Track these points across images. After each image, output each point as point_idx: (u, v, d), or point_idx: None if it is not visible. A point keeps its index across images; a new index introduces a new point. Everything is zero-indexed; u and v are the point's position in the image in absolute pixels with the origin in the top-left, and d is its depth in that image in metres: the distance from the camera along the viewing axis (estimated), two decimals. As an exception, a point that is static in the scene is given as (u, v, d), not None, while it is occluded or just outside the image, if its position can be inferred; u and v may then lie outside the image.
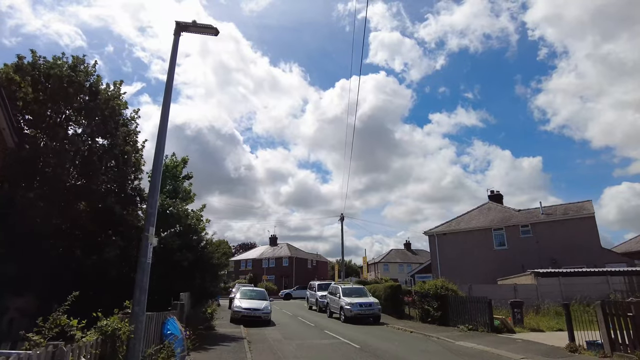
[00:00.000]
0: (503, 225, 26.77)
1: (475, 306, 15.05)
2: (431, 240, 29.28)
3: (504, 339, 12.57)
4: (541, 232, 25.24)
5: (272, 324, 17.65)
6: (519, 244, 25.83)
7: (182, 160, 15.35)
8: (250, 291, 20.26)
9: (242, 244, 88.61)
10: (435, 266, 28.30)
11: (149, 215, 4.68)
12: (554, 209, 26.48)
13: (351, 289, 20.90)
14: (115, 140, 13.17)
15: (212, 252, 13.65)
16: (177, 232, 13.96)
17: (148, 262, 4.50)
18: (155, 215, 4.76)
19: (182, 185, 14.81)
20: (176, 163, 15.16)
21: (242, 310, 17.22)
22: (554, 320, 15.52)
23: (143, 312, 4.47)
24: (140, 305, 4.48)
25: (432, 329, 15.76)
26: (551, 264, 23.55)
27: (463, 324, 15.26)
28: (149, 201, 4.73)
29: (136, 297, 4.47)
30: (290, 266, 57.50)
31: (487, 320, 14.13)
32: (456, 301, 16.38)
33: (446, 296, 16.82)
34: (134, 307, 4.42)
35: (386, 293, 21.83)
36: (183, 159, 15.40)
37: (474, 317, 15.03)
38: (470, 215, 30.10)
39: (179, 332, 7.65)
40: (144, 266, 4.46)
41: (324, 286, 26.50)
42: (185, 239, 13.62)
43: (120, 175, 13.58)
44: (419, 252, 66.19)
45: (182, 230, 13.76)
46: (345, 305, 18.86)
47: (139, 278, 4.46)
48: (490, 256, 26.55)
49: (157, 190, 4.78)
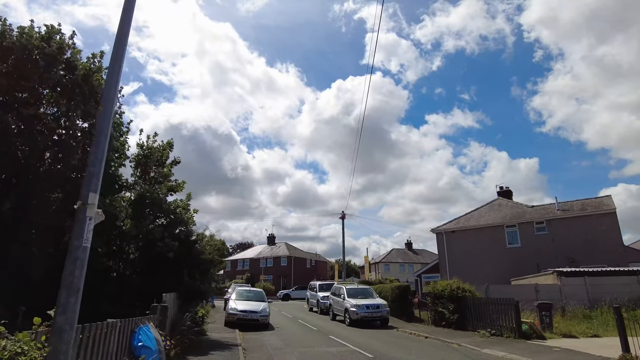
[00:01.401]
0: (516, 222, 25.20)
1: (498, 309, 13.46)
2: (439, 238, 27.67)
3: (537, 347, 10.97)
4: (557, 229, 23.68)
5: (271, 327, 16.00)
6: (533, 242, 24.27)
7: (167, 144, 13.69)
8: (247, 292, 18.58)
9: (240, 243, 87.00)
10: (444, 266, 26.70)
11: (90, 175, 3.05)
12: (571, 204, 24.92)
13: (356, 289, 19.27)
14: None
15: (203, 247, 12.01)
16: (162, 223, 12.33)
17: (85, 245, 2.87)
18: (100, 177, 3.13)
19: (168, 172, 13.15)
20: (161, 147, 13.51)
21: (238, 313, 15.55)
22: (584, 325, 13.97)
23: (72, 326, 2.79)
24: (68, 315, 2.74)
25: (449, 334, 14.16)
26: (569, 263, 22.00)
27: (484, 329, 13.67)
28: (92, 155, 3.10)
29: (61, 302, 2.71)
30: (288, 266, 55.77)
31: (514, 324, 12.53)
32: (475, 303, 14.78)
33: (464, 298, 15.22)
34: (56, 318, 2.74)
35: (393, 294, 20.24)
36: (168, 142, 13.74)
37: (496, 321, 13.45)
38: (480, 212, 28.52)
39: (154, 344, 6.01)
40: (78, 253, 2.82)
41: (326, 286, 24.90)
42: (171, 230, 11.99)
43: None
44: (421, 252, 64.66)
45: (168, 221, 12.13)
46: (350, 307, 17.24)
47: (67, 272, 2.72)
48: (502, 255, 24.98)
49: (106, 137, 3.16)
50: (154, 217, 12.40)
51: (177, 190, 13.73)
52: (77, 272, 2.77)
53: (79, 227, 2.89)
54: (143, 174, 13.37)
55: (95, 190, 3.07)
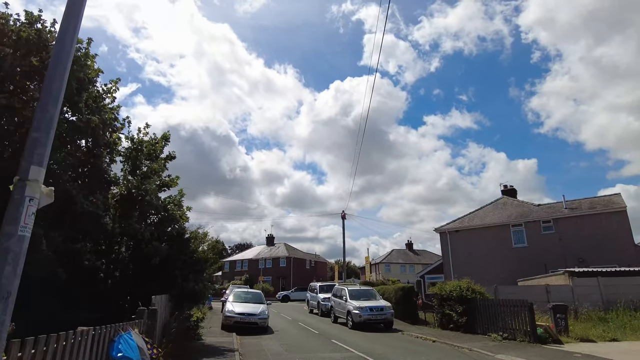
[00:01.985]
0: (522, 220, 24.47)
1: (510, 311, 12.72)
2: (442, 238, 26.91)
3: (555, 353, 10.24)
4: (565, 228, 22.96)
5: (270, 331, 15.23)
6: (540, 242, 23.55)
7: (162, 137, 12.91)
8: (245, 293, 17.78)
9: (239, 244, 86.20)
10: (448, 266, 25.97)
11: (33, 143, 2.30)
12: (579, 203, 24.21)
13: (359, 290, 18.50)
14: (85, 116, 10.65)
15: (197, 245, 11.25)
16: (153, 221, 11.57)
17: (21, 235, 2.13)
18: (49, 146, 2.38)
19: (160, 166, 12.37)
20: (154, 140, 12.75)
21: (235, 316, 14.76)
22: (600, 328, 13.23)
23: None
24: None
25: (458, 337, 13.42)
26: (578, 263, 21.29)
27: (496, 332, 12.94)
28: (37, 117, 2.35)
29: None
30: (287, 267, 54.92)
31: (528, 327, 11.79)
32: (485, 305, 14.04)
33: (473, 299, 14.48)
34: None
35: (397, 296, 19.48)
36: (164, 135, 12.96)
37: (508, 324, 12.71)
38: (485, 211, 27.79)
39: (136, 354, 5.24)
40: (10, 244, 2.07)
41: (327, 288, 24.14)
42: (162, 228, 11.23)
43: (90, 156, 11.10)
44: (421, 253, 63.95)
45: (159, 218, 11.37)
46: (353, 310, 16.48)
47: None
48: (508, 255, 24.25)
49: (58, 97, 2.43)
50: (145, 214, 11.62)
51: (170, 186, 12.96)
52: (7, 270, 2.02)
53: (14, 210, 2.15)
54: (133, 169, 12.60)
55: (40, 164, 2.32)
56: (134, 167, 12.62)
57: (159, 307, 8.52)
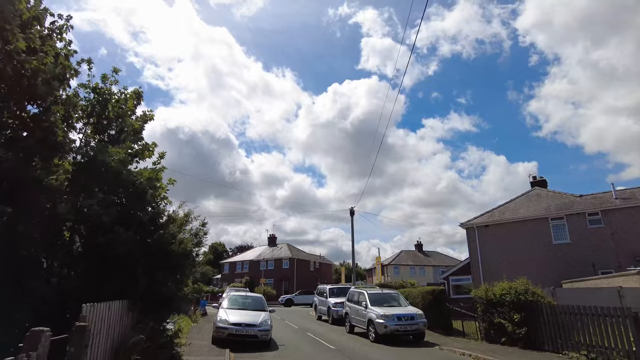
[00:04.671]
0: (563, 213, 21.19)
1: (597, 322, 9.49)
2: (470, 234, 23.61)
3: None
4: (617, 221, 19.68)
5: (274, 345, 12.03)
6: (586, 237, 20.28)
7: (133, 93, 9.82)
8: (243, 298, 14.53)
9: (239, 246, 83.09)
10: (476, 266, 22.66)
11: None
12: (632, 192, 20.92)
13: (381, 295, 15.27)
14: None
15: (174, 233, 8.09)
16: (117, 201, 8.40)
17: None
18: None
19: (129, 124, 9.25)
20: (126, 95, 9.66)
21: (229, 327, 11.53)
22: None
23: None
24: None
25: (516, 354, 10.24)
26: (635, 262, 18.06)
27: (575, 350, 9.72)
28: None
29: None
30: (291, 268, 51.57)
31: (632, 346, 8.54)
32: (554, 313, 10.80)
33: (536, 305, 11.25)
34: None
35: (425, 300, 16.24)
36: (135, 91, 9.87)
37: (594, 340, 9.48)
38: (516, 204, 24.52)
39: None
40: None
41: (338, 291, 20.92)
42: (128, 209, 8.08)
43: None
44: (432, 254, 60.57)
45: (125, 195, 8.22)
46: (376, 319, 13.26)
47: None
48: (548, 253, 20.98)
49: None
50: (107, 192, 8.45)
51: (144, 157, 9.85)
52: None
53: None
54: (95, 132, 9.48)
55: None
56: (96, 130, 9.50)
57: (99, 320, 5.37)
